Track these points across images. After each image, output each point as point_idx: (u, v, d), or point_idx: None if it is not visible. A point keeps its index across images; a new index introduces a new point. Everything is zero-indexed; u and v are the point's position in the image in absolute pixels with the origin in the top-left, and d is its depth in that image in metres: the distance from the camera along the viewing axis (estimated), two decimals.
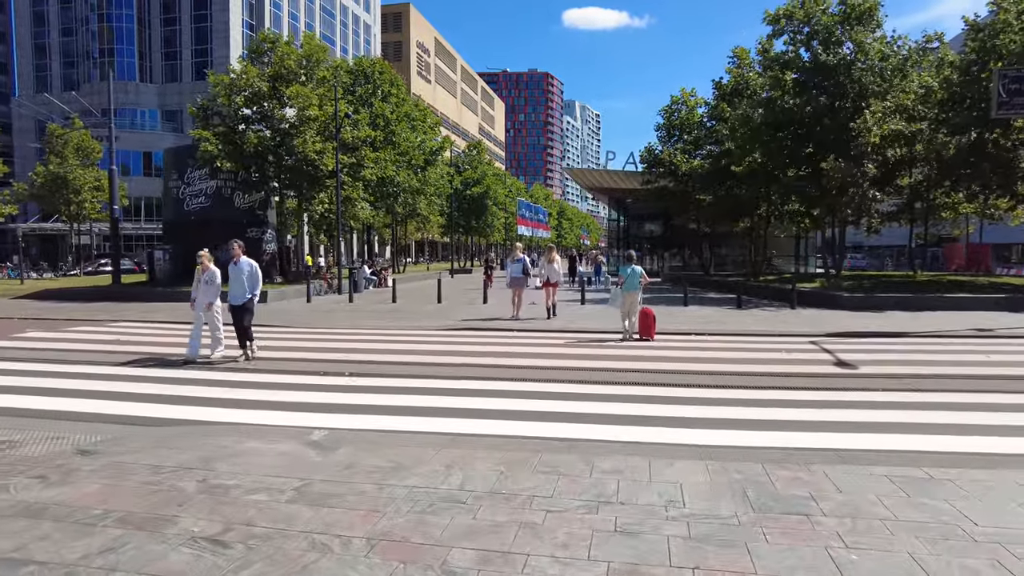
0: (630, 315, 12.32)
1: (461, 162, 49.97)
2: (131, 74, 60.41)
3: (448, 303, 19.34)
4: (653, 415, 6.22)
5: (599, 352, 10.32)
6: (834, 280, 21.46)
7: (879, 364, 9.09)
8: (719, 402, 6.80)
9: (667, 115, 33.16)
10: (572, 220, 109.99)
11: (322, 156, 22.75)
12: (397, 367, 9.00)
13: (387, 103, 29.13)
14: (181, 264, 24.64)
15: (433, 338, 12.08)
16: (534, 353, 10.20)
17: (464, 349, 10.60)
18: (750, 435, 5.50)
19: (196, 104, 23.93)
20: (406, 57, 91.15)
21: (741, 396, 7.09)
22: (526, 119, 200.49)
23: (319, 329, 13.57)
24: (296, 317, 15.85)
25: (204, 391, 7.39)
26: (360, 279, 25.20)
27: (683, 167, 29.72)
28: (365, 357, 9.85)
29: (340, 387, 7.64)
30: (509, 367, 8.94)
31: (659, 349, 10.59)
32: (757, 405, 6.66)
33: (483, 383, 7.84)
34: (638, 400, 6.88)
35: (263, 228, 25.76)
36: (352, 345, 11.15)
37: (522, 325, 13.64)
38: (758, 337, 12.02)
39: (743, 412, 6.33)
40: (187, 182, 24.59)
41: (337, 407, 6.61)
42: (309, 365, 9.16)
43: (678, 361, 9.32)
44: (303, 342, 11.53)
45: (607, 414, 6.27)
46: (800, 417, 6.15)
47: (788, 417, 6.15)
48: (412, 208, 32.85)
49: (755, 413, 6.30)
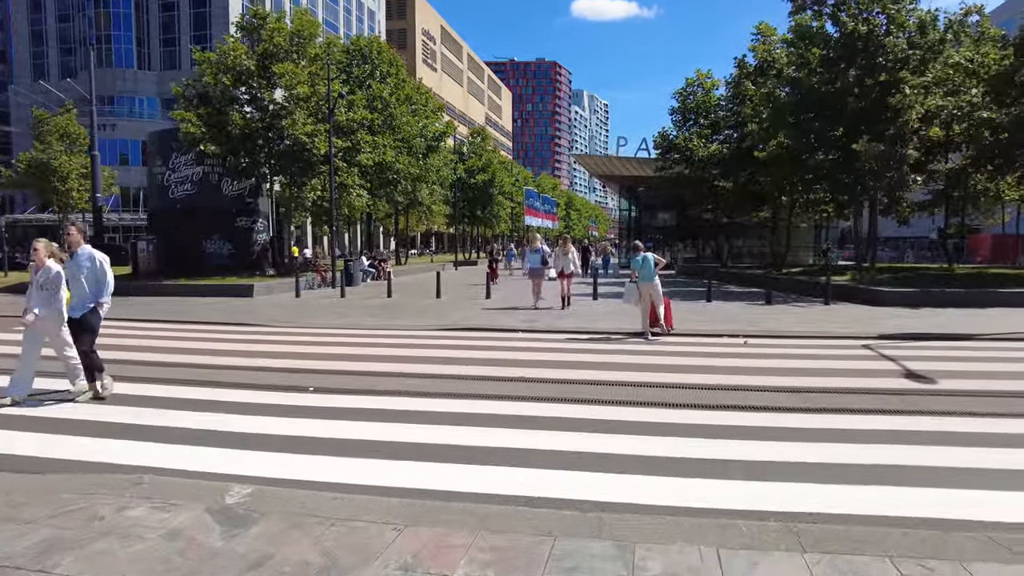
0: (654, 307, 10.88)
1: (466, 150, 48.23)
2: (129, 61, 58.98)
3: (448, 298, 17.80)
4: (703, 457, 4.64)
5: (617, 359, 8.74)
6: (867, 273, 19.76)
7: (957, 377, 7.48)
8: (784, 435, 5.21)
9: (682, 98, 31.39)
10: (580, 211, 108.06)
11: (314, 139, 21.19)
12: (374, 379, 7.45)
13: (385, 84, 27.47)
14: (165, 256, 23.26)
15: (424, 340, 10.54)
16: (540, 361, 8.62)
17: (458, 355, 9.05)
18: (849, 493, 3.91)
19: (181, 85, 22.39)
20: (411, 45, 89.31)
21: (810, 424, 5.50)
22: (533, 109, 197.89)
23: (297, 328, 12.05)
24: (278, 313, 14.35)
25: (104, 411, 5.87)
26: (356, 271, 23.71)
27: (700, 152, 27.97)
28: (339, 365, 8.31)
29: (296, 409, 6.11)
30: (509, 380, 7.38)
31: (690, 356, 8.99)
32: (837, 439, 5.06)
33: (476, 404, 6.29)
34: (677, 431, 5.31)
35: (253, 217, 24.31)
36: (329, 349, 9.62)
37: (527, 325, 12.07)
38: (800, 340, 10.40)
39: (823, 452, 4.74)
40: (172, 168, 23.16)
41: (281, 441, 5.07)
42: (268, 377, 7.63)
43: (716, 372, 7.72)
44: (273, 345, 10.02)
45: (639, 455, 4.70)
46: (901, 459, 4.55)
47: (886, 459, 4.55)
48: (413, 196, 31.16)
49: (841, 453, 4.70)
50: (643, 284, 11.03)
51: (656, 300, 11.00)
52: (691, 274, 30.24)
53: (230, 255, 23.46)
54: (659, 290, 11.14)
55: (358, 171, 24.67)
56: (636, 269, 11.20)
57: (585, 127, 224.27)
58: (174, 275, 21.78)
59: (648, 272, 11.09)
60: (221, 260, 23.28)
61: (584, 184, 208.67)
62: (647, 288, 11.04)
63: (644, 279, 11.07)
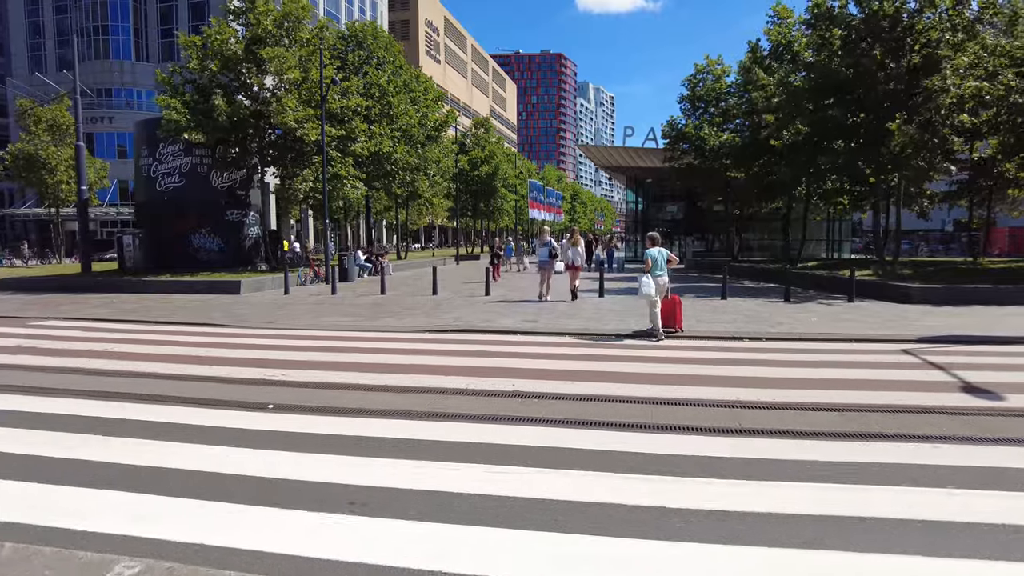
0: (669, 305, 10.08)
1: (468, 141, 47.01)
2: (127, 52, 58.01)
3: (445, 295, 16.77)
4: (752, 510, 3.58)
5: (626, 368, 7.67)
6: (890, 268, 18.61)
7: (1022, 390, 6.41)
8: (847, 473, 4.15)
9: (691, 86, 30.13)
10: (586, 204, 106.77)
11: (303, 125, 20.13)
12: (347, 393, 6.44)
13: (382, 71, 26.34)
14: (153, 250, 22.30)
15: (413, 344, 9.51)
16: (538, 371, 7.58)
17: (445, 363, 8.01)
18: None
19: (167, 71, 21.36)
20: (414, 36, 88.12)
21: (875, 456, 4.44)
22: (539, 101, 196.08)
23: (273, 330, 11.04)
24: (257, 312, 13.35)
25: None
26: (351, 266, 22.70)
27: (711, 141, 26.76)
28: (311, 376, 7.29)
29: (248, 434, 5.09)
30: (502, 395, 6.35)
31: (712, 364, 7.92)
32: (926, 479, 4.00)
33: (464, 427, 5.27)
34: (715, 468, 4.26)
35: (245, 210, 23.31)
36: (305, 355, 8.60)
37: (527, 326, 11.02)
38: (831, 344, 9.31)
39: (911, 500, 3.68)
40: (158, 159, 22.16)
41: (216, 482, 4.05)
42: (228, 391, 6.62)
43: (746, 385, 6.65)
44: (246, 350, 9.01)
45: (685, 509, 3.65)
46: (1008, 517, 3.49)
47: (995, 515, 3.49)
48: (412, 188, 30.02)
49: (940, 504, 3.64)
50: (657, 277, 10.12)
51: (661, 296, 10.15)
52: (701, 268, 29.10)
53: (220, 250, 22.49)
54: (667, 287, 10.24)
55: (353, 161, 23.61)
56: (650, 259, 10.28)
57: (591, 120, 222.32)
58: (161, 271, 20.86)
59: (661, 267, 10.18)
60: (211, 255, 22.32)
61: (590, 177, 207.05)
62: (661, 283, 10.13)
63: (659, 274, 10.20)
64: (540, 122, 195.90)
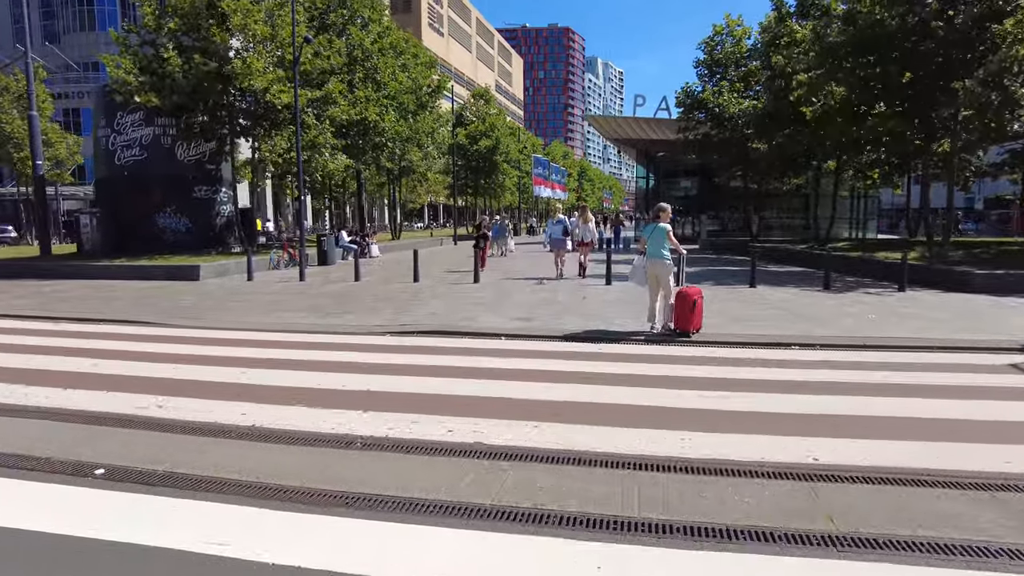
0: (663, 297, 8.24)
1: (467, 113, 44.33)
2: (114, 23, 55.50)
3: (427, 282, 14.63)
4: None
5: (641, 395, 5.49)
6: (938, 250, 16.28)
7: None
8: None
9: (708, 49, 27.55)
10: (594, 181, 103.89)
11: (272, 89, 17.88)
12: (220, 446, 4.33)
13: (368, 32, 23.88)
14: (114, 231, 20.22)
15: (361, 353, 7.39)
16: (519, 404, 5.43)
17: (391, 387, 5.88)
18: None
19: (122, 32, 19.10)
20: (416, 6, 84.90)
21: None
22: (546, 76, 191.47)
23: (204, 331, 8.94)
24: (204, 304, 11.27)
25: None
26: (331, 248, 20.56)
27: (730, 109, 24.27)
28: (194, 409, 5.17)
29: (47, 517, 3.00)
30: (450, 452, 4.21)
31: (758, 388, 5.73)
32: None
33: (356, 542, 3.15)
34: None
35: (215, 186, 21.19)
36: (208, 373, 6.49)
37: (518, 327, 8.85)
38: (910, 354, 7.09)
39: None
40: (117, 129, 20.00)
41: None
42: (59, 437, 4.52)
43: (818, 429, 4.47)
44: (140, 362, 6.91)
45: None
46: None
47: None
48: (402, 160, 27.55)
49: None
50: (648, 260, 8.20)
51: (662, 286, 8.19)
52: (717, 249, 26.77)
53: (188, 230, 20.41)
54: (669, 276, 8.14)
55: (334, 130, 21.31)
56: (645, 237, 8.34)
57: (599, 95, 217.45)
58: (121, 254, 18.84)
59: (656, 247, 8.14)
60: (178, 236, 20.25)
61: (598, 154, 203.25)
62: (654, 267, 8.15)
63: (649, 255, 8.20)
64: (547, 98, 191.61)
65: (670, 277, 8.11)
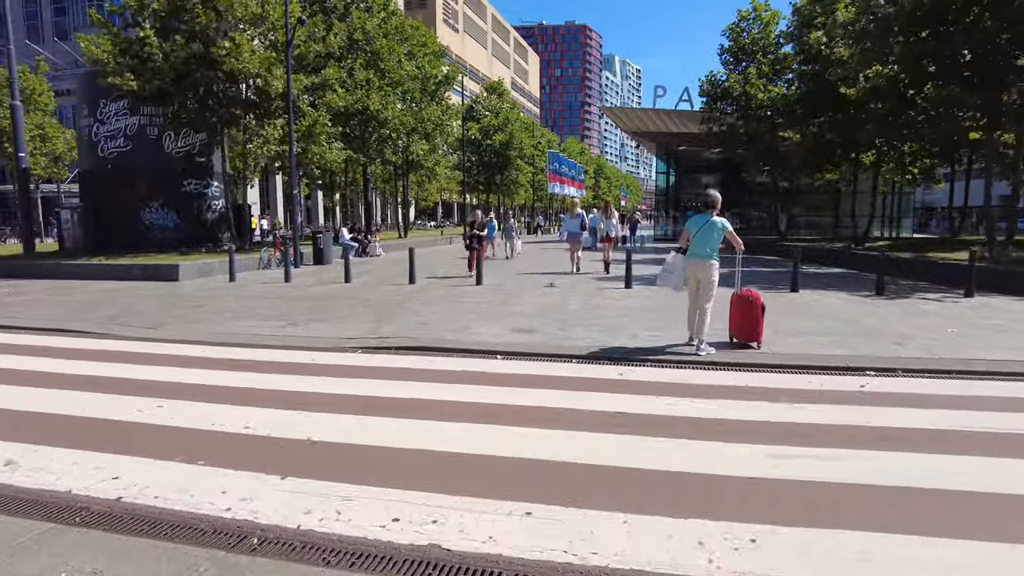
0: (700, 305, 6.53)
1: (480, 106, 42.66)
2: None
3: (424, 284, 13.10)
4: None
5: (690, 457, 3.89)
6: (1001, 251, 14.42)
7: None
8: None
9: (733, 35, 25.73)
10: (611, 179, 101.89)
11: (264, 74, 16.47)
12: (57, 546, 2.81)
13: (371, 16, 22.36)
14: (97, 227, 18.90)
15: (321, 379, 5.85)
16: (506, 467, 3.86)
17: (346, 433, 4.34)
18: None
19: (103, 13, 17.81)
20: (431, 3, 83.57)
21: None
22: (562, 74, 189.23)
23: (156, 343, 7.47)
24: (170, 309, 9.82)
25: None
26: (327, 246, 19.11)
27: (760, 96, 22.46)
28: (64, 461, 3.66)
29: None
30: (395, 566, 2.64)
31: (853, 440, 4.08)
32: None
33: None
34: None
35: (205, 179, 19.80)
36: (103, 405, 4.98)
37: (516, 342, 7.25)
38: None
39: None
40: (100, 119, 18.69)
41: None
42: None
43: (967, 529, 2.85)
44: (19, 385, 5.44)
45: None
46: None
47: None
48: (407, 152, 25.92)
49: None
50: (690, 261, 6.57)
51: (704, 293, 6.52)
52: (745, 249, 24.93)
53: (176, 227, 19.06)
54: (713, 279, 6.54)
55: (331, 118, 19.80)
56: (690, 232, 6.64)
57: (616, 93, 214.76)
58: (103, 251, 17.53)
59: (704, 246, 6.51)
60: (165, 233, 18.90)
61: (615, 153, 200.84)
62: (696, 269, 6.52)
63: (695, 254, 6.54)
64: (564, 96, 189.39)
65: (715, 284, 6.54)
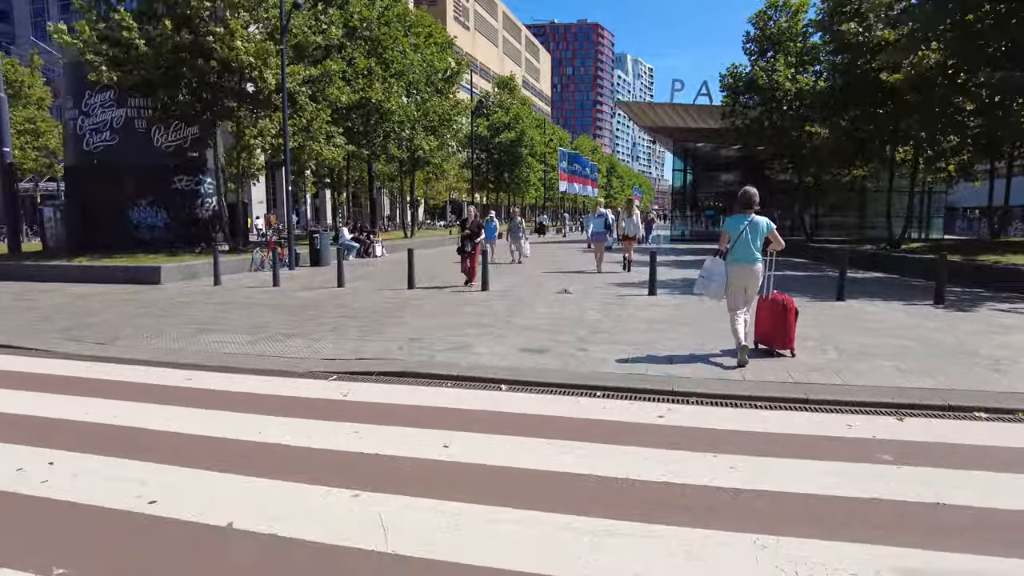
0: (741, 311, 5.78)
1: (490, 101, 41.35)
2: None
3: (422, 290, 11.87)
4: None
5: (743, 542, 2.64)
6: None
7: None
8: None
9: (759, 23, 24.31)
10: (623, 178, 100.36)
11: (259, 65, 15.35)
12: None
13: (372, 6, 21.15)
14: (82, 225, 17.88)
15: (277, 419, 4.63)
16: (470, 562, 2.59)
17: (290, 527, 3.11)
18: None
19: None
20: (442, 0, 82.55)
21: None
22: (574, 73, 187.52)
23: (73, 360, 6.29)
24: (122, 317, 8.65)
25: None
26: (324, 247, 17.96)
27: (788, 86, 21.04)
28: None
29: None
30: None
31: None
32: None
33: None
34: None
35: (197, 176, 18.71)
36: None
37: (525, 367, 5.98)
38: None
39: None
40: (85, 111, 17.66)
41: None
42: None
43: None
44: None
45: None
46: None
47: None
48: (411, 146, 24.63)
49: None
50: (735, 267, 5.73)
51: (749, 299, 5.87)
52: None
53: (166, 225, 17.98)
54: (757, 283, 5.83)
55: (332, 112, 18.63)
56: (729, 234, 5.79)
57: (628, 92, 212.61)
58: (86, 252, 16.48)
59: (747, 250, 5.72)
60: (155, 232, 17.83)
61: (627, 152, 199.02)
62: (739, 274, 5.74)
63: (738, 259, 5.72)
64: (576, 95, 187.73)
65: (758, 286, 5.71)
